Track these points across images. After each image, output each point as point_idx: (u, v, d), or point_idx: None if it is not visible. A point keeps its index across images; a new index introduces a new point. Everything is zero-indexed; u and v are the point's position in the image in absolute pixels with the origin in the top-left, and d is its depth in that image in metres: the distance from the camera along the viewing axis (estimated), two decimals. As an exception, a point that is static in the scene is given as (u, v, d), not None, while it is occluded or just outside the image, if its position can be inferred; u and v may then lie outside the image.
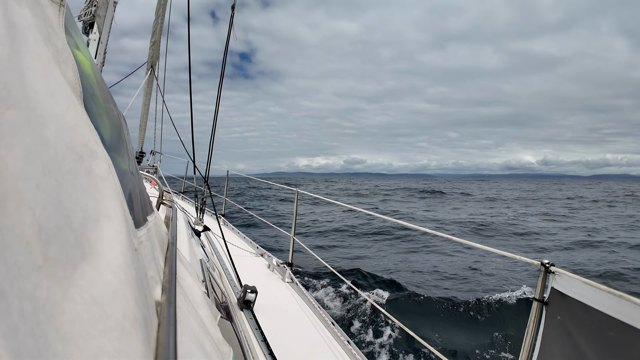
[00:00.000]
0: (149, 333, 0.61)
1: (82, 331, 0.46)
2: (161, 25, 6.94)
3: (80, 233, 0.52)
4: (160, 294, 0.83)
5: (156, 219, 1.14)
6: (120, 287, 0.55)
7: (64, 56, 0.69)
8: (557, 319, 1.67)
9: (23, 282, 0.40)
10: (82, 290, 0.48)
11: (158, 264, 0.94)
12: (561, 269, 1.66)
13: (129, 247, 0.64)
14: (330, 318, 3.45)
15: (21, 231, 0.42)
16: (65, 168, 0.53)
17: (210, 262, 3.07)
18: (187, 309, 0.92)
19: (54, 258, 0.45)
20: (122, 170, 1.01)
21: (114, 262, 0.57)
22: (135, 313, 0.57)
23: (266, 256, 5.18)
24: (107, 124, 0.98)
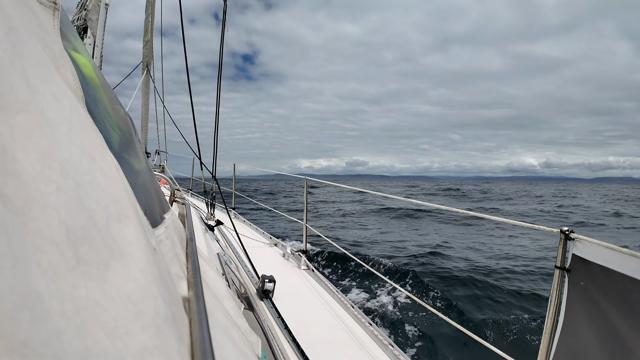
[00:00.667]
0: (180, 330, 0.61)
1: (125, 328, 0.46)
2: (152, 24, 6.89)
3: (106, 233, 0.52)
4: (186, 289, 0.84)
5: (173, 216, 1.14)
6: (149, 286, 0.56)
7: (62, 60, 0.69)
8: (580, 285, 1.66)
9: (60, 284, 0.40)
10: (118, 289, 0.49)
11: (181, 260, 0.94)
12: (581, 236, 1.65)
13: (148, 246, 0.65)
14: (349, 301, 3.47)
15: (50, 233, 0.42)
16: (82, 169, 0.53)
17: (226, 255, 3.09)
18: (213, 302, 0.92)
19: (85, 258, 0.45)
20: (136, 169, 1.00)
21: (139, 261, 0.57)
22: (165, 311, 0.57)
23: (280, 245, 5.20)
24: (115, 125, 0.98)
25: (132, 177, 0.94)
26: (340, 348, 2.67)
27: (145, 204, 0.87)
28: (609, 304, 1.55)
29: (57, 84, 0.58)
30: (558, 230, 1.74)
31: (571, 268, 1.70)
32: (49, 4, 0.72)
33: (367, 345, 2.76)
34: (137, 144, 1.12)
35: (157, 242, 0.82)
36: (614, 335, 1.52)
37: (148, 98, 7.84)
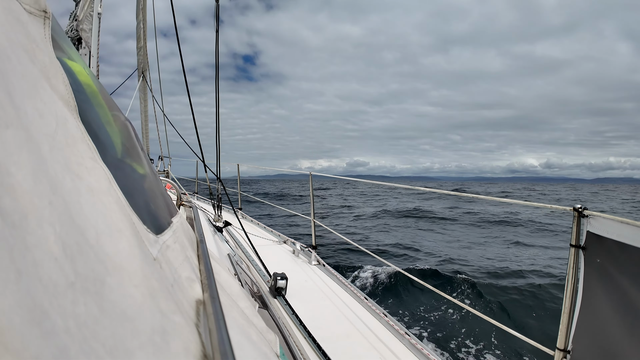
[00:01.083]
0: (185, 340, 0.60)
1: (122, 346, 0.46)
2: (144, 30, 6.86)
3: (98, 249, 0.51)
4: (200, 291, 0.82)
5: (181, 219, 1.13)
6: (144, 301, 0.55)
7: (53, 70, 0.68)
8: (597, 262, 1.64)
9: (62, 299, 0.40)
10: (114, 305, 0.48)
11: (192, 263, 0.93)
12: (595, 212, 1.62)
13: (145, 259, 0.64)
14: (362, 293, 3.46)
15: (48, 248, 0.41)
16: (67, 187, 0.52)
17: (236, 255, 3.09)
18: (229, 303, 0.91)
19: (83, 273, 0.45)
20: (141, 174, 0.99)
21: (134, 276, 0.56)
22: (163, 325, 0.57)
23: (289, 242, 5.20)
24: (116, 132, 0.96)
25: (136, 182, 0.93)
26: (357, 340, 2.66)
27: (147, 210, 0.86)
28: (627, 279, 1.53)
29: (43, 98, 0.57)
30: (571, 208, 1.72)
31: (586, 245, 1.68)
32: (39, 14, 0.71)
33: (383, 336, 2.76)
34: (139, 149, 1.10)
35: (162, 248, 0.81)
36: (633, 311, 1.50)
37: (146, 105, 7.82)
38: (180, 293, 0.75)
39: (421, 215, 19.40)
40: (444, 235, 14.19)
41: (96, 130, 0.77)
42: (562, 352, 1.80)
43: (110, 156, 0.81)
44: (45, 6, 0.73)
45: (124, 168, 0.88)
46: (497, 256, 10.66)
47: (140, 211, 0.77)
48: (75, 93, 0.72)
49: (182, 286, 0.78)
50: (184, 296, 0.76)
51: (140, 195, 0.87)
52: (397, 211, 20.31)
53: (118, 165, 0.82)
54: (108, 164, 0.71)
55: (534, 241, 13.38)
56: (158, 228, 0.86)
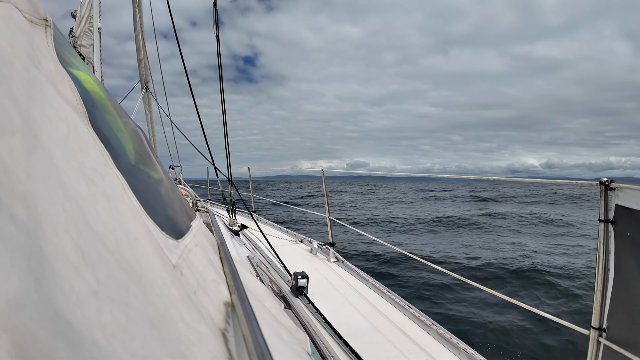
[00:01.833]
0: (212, 349, 0.58)
1: (152, 356, 0.44)
2: (143, 42, 6.88)
3: (119, 256, 0.50)
4: (227, 293, 0.80)
5: (200, 222, 1.11)
6: (168, 311, 0.53)
7: (59, 77, 0.66)
8: (627, 235, 1.59)
9: (86, 309, 0.38)
10: (140, 313, 0.46)
11: (216, 265, 0.91)
12: (622, 184, 1.57)
13: (164, 267, 0.62)
14: (384, 287, 3.43)
15: (66, 256, 0.39)
16: (82, 193, 0.50)
17: (255, 257, 3.08)
18: (255, 304, 0.89)
19: (105, 282, 0.43)
20: (157, 180, 0.97)
21: (154, 285, 0.55)
22: (188, 335, 0.55)
23: (306, 241, 5.19)
24: (128, 138, 0.95)
25: (152, 187, 0.91)
26: (382, 334, 2.63)
27: (165, 215, 0.84)
28: None
29: (52, 104, 0.56)
30: (597, 182, 1.67)
31: (615, 219, 1.63)
32: (40, 22, 0.70)
33: (409, 328, 2.73)
34: (152, 155, 1.09)
35: (184, 253, 0.79)
36: None
37: (152, 115, 7.86)
38: (205, 297, 0.73)
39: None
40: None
41: (107, 137, 0.76)
42: (598, 330, 1.75)
43: (124, 162, 0.79)
44: (45, 14, 0.72)
45: (138, 174, 0.87)
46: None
47: (158, 217, 0.75)
48: (83, 100, 0.71)
49: (208, 289, 0.76)
50: (210, 300, 0.74)
51: (157, 201, 0.86)
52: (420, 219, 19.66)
53: (132, 172, 0.81)
54: (122, 170, 0.70)
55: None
56: (178, 233, 0.85)
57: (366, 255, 9.08)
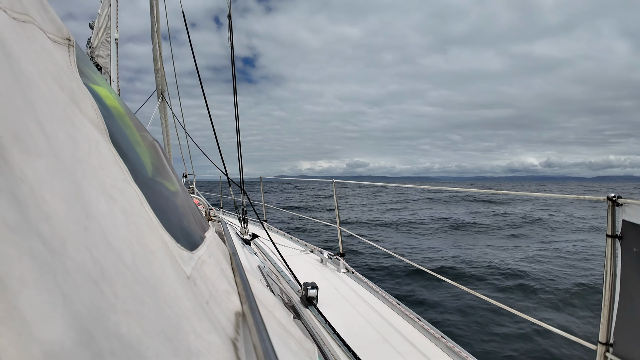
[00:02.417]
0: (220, 359, 0.61)
1: None
2: (160, 52, 7.00)
3: (135, 270, 0.52)
4: (238, 303, 0.83)
5: (213, 233, 1.15)
6: (179, 322, 0.56)
7: (82, 96, 0.69)
8: (634, 251, 1.59)
9: (105, 322, 0.40)
10: (154, 325, 0.49)
11: (228, 275, 0.94)
12: (630, 200, 1.58)
13: (178, 279, 0.65)
14: (394, 299, 3.42)
15: (87, 272, 0.42)
16: (102, 210, 0.53)
17: (266, 267, 3.10)
18: (265, 314, 0.92)
19: (122, 295, 0.46)
20: (172, 192, 1.01)
21: (167, 296, 0.57)
22: (198, 345, 0.57)
23: (317, 251, 5.19)
24: (145, 152, 0.98)
25: (169, 200, 0.95)
26: (391, 346, 2.63)
27: (181, 227, 0.87)
28: None
29: (74, 123, 0.59)
30: (605, 198, 1.67)
31: (622, 235, 1.63)
32: (63, 42, 0.73)
33: (418, 340, 2.72)
34: (168, 167, 1.13)
35: (197, 264, 0.81)
36: None
37: (167, 125, 7.96)
38: (217, 307, 0.76)
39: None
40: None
41: (126, 152, 0.79)
42: (605, 345, 1.74)
43: (142, 176, 0.82)
44: (68, 34, 0.75)
45: (155, 187, 0.90)
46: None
47: (174, 229, 0.78)
48: (104, 117, 0.74)
49: (220, 299, 0.79)
50: (221, 310, 0.76)
51: (173, 213, 0.89)
52: (422, 221, 19.47)
53: (149, 185, 0.84)
54: (140, 184, 0.73)
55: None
56: (192, 244, 0.87)
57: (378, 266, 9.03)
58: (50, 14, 0.70)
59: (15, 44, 0.52)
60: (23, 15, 0.59)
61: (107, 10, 5.17)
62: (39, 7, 0.67)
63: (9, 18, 0.54)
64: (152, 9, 6.27)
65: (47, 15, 0.69)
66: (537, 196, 2.25)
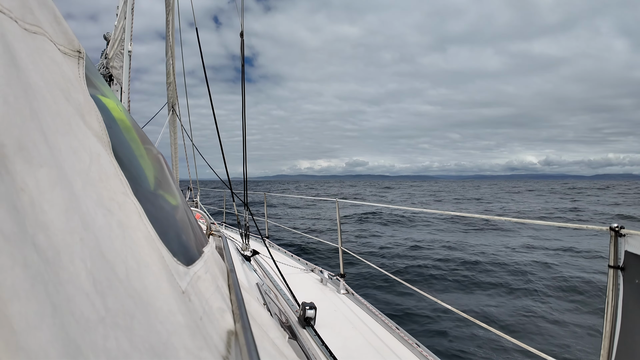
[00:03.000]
0: None
1: None
2: (173, 66, 7.11)
3: (128, 284, 0.52)
4: (231, 321, 0.83)
5: (212, 249, 1.15)
6: (170, 338, 0.56)
7: (87, 108, 0.70)
8: (636, 282, 1.57)
9: (93, 334, 0.41)
10: (143, 340, 0.49)
11: (223, 293, 0.94)
12: (633, 230, 1.56)
13: (172, 293, 0.64)
14: (394, 323, 3.38)
15: (80, 283, 0.42)
16: (99, 223, 0.54)
17: (265, 285, 3.08)
18: (259, 334, 0.91)
19: (113, 308, 0.46)
20: (173, 205, 1.02)
21: (159, 311, 0.57)
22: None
23: (317, 271, 5.16)
24: (149, 165, 0.99)
25: (169, 214, 0.95)
26: None
27: (179, 241, 0.87)
28: None
29: (77, 135, 0.60)
30: (607, 228, 1.66)
31: (625, 266, 1.62)
32: (73, 54, 0.74)
33: None
34: (171, 180, 1.13)
35: (193, 279, 0.81)
36: None
37: (176, 137, 8.03)
38: (210, 325, 0.75)
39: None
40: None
41: (129, 165, 0.80)
42: (605, 377, 1.71)
43: (143, 189, 0.83)
44: (79, 46, 0.77)
45: (156, 200, 0.91)
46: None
47: (171, 243, 0.78)
48: (108, 129, 0.75)
49: (213, 317, 0.79)
50: (214, 328, 0.76)
51: (172, 227, 0.89)
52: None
53: (150, 198, 0.84)
54: (140, 197, 0.73)
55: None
56: (189, 259, 0.87)
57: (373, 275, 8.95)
58: (63, 26, 0.72)
59: (25, 54, 0.53)
60: (34, 26, 0.60)
61: (122, 23, 5.28)
62: (52, 19, 0.69)
63: (21, 29, 0.55)
64: (168, 25, 6.39)
65: (60, 27, 0.71)
66: (539, 224, 2.24)
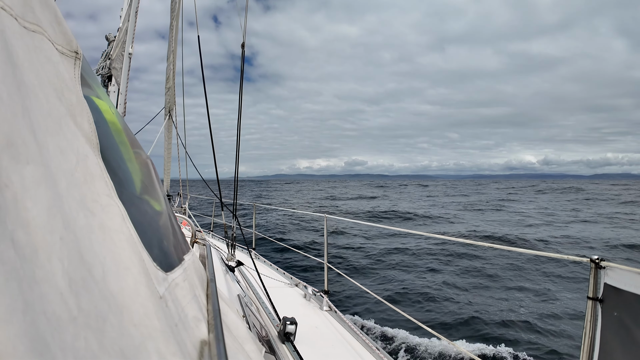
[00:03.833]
0: None
1: None
2: (174, 71, 7.12)
3: (103, 286, 0.52)
4: (206, 332, 0.82)
5: (193, 257, 1.14)
6: (143, 342, 0.56)
7: (79, 109, 0.70)
8: (614, 315, 1.58)
9: (63, 333, 0.41)
10: (113, 343, 0.49)
11: (200, 302, 0.94)
12: (613, 263, 1.58)
13: (150, 297, 0.64)
14: (375, 343, 3.35)
15: (55, 282, 0.42)
16: (80, 223, 0.54)
17: (246, 297, 3.05)
18: (234, 346, 0.90)
19: (86, 309, 0.46)
20: (157, 211, 1.01)
21: (135, 315, 0.57)
22: None
23: (301, 286, 5.13)
24: (137, 169, 0.99)
25: (152, 219, 0.95)
26: None
27: (160, 247, 0.87)
28: None
29: (66, 136, 0.60)
30: (588, 260, 1.67)
31: (604, 298, 1.63)
32: (70, 54, 0.75)
33: None
34: (158, 186, 1.13)
35: (170, 286, 0.81)
36: None
37: (170, 142, 8.00)
38: (184, 333, 0.75)
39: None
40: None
41: (116, 167, 0.80)
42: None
43: (129, 192, 0.83)
44: (76, 47, 0.77)
45: (141, 204, 0.90)
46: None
47: (152, 248, 0.78)
48: (99, 130, 0.75)
49: (188, 325, 0.78)
50: (188, 336, 0.76)
51: (154, 232, 0.89)
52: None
53: (135, 202, 0.84)
54: (125, 200, 0.73)
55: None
56: (168, 265, 0.87)
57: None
58: (63, 26, 0.72)
59: (22, 52, 0.53)
60: (34, 25, 0.61)
61: (126, 25, 5.30)
62: (53, 19, 0.69)
63: (20, 27, 0.56)
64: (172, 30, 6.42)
65: (60, 28, 0.71)
66: (522, 252, 2.26)
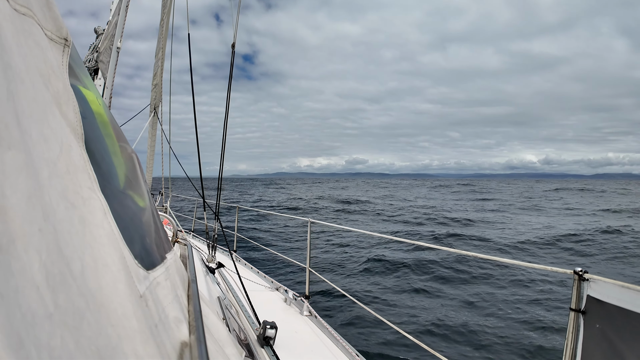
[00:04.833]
0: None
1: None
2: (161, 68, 7.05)
3: (82, 282, 0.51)
4: (187, 333, 0.79)
5: (175, 256, 1.11)
6: (119, 343, 0.54)
7: (65, 97, 0.69)
8: (596, 327, 1.60)
9: (38, 330, 0.39)
10: (90, 342, 0.47)
11: (182, 303, 0.91)
12: (596, 275, 1.60)
13: (130, 296, 0.63)
14: (354, 349, 3.34)
15: (31, 275, 0.40)
16: (60, 215, 0.52)
17: (226, 299, 3.01)
18: (215, 348, 0.88)
19: (63, 306, 0.44)
20: (140, 207, 0.98)
21: (112, 314, 0.55)
22: None
23: (282, 290, 5.10)
24: (122, 163, 0.97)
25: (135, 215, 0.92)
26: None
27: (142, 244, 0.84)
28: (626, 345, 1.48)
29: (50, 124, 0.58)
30: (572, 272, 1.69)
31: (586, 310, 1.64)
32: (60, 41, 0.73)
33: None
34: (142, 182, 1.10)
35: (152, 285, 0.79)
36: None
37: (154, 140, 7.92)
38: (164, 333, 0.72)
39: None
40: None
41: (100, 160, 0.77)
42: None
43: (112, 187, 0.80)
44: (66, 34, 0.75)
45: (124, 199, 0.88)
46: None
47: (134, 245, 0.76)
48: (84, 121, 0.73)
49: (168, 326, 0.75)
50: (168, 337, 0.73)
51: (136, 229, 0.86)
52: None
53: (118, 197, 0.82)
54: (108, 194, 0.71)
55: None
56: (150, 263, 0.84)
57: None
58: (53, 12, 0.71)
59: (10, 35, 0.52)
60: (24, 8, 0.59)
61: (116, 19, 5.22)
62: (43, 3, 0.67)
63: (10, 8, 0.54)
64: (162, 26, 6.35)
65: (50, 13, 0.69)
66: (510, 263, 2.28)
